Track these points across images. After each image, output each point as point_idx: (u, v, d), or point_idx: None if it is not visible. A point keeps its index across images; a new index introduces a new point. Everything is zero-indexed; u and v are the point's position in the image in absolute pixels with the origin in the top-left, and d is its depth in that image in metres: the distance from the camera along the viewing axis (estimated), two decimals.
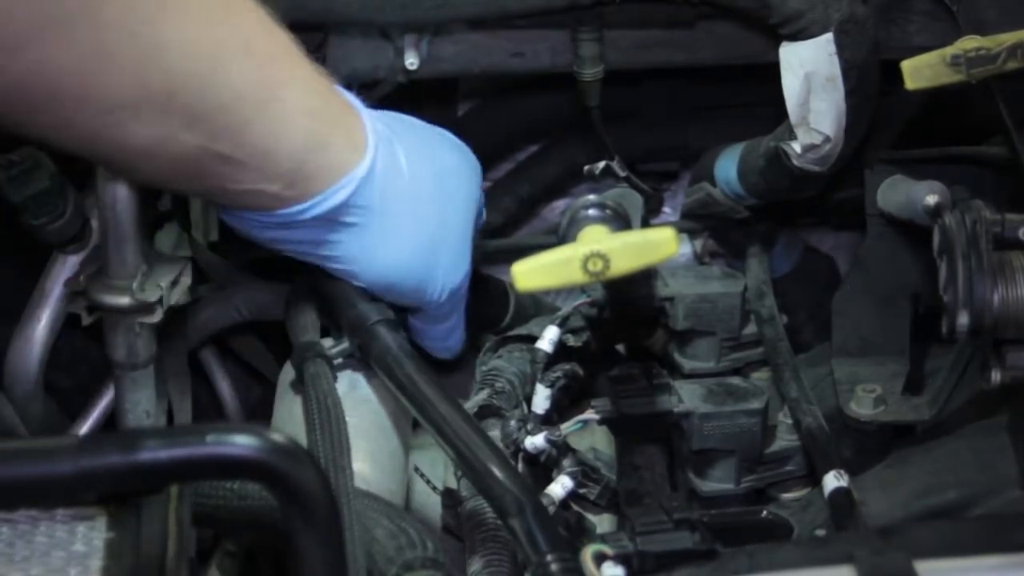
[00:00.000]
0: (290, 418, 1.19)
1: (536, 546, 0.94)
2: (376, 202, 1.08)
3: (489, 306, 1.34)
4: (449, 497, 1.21)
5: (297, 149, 1.03)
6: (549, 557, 0.93)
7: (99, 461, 0.76)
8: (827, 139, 1.22)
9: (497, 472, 1.00)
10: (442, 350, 1.24)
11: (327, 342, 1.17)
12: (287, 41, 1.03)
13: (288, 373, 1.23)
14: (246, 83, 0.99)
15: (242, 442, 0.76)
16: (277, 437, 0.77)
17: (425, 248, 1.13)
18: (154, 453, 0.76)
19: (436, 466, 1.27)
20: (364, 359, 1.16)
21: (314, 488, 0.78)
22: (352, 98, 1.10)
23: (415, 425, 1.22)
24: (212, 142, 0.99)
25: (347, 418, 1.14)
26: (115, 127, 0.96)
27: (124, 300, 1.13)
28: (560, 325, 1.22)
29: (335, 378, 1.15)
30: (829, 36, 1.19)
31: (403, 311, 1.19)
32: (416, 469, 1.26)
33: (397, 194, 1.10)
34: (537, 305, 1.38)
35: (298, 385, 1.17)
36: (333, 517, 0.79)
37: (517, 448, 1.17)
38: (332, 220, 1.08)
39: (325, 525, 0.78)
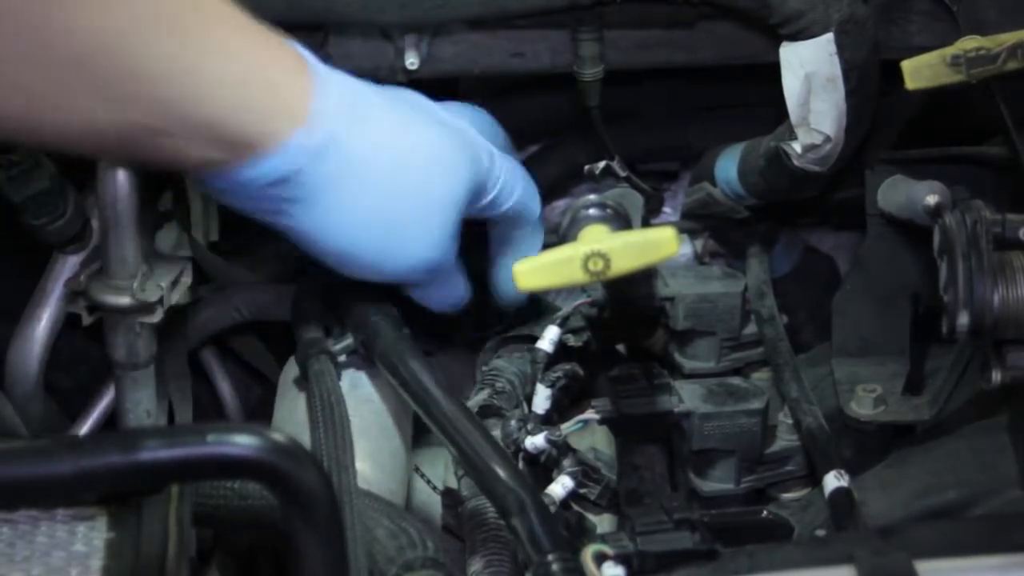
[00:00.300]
0: (291, 418, 1.19)
1: (538, 545, 0.94)
2: (324, 172, 1.05)
3: (488, 305, 1.34)
4: (449, 497, 1.21)
5: (228, 120, 1.01)
6: (550, 556, 0.93)
7: (99, 461, 0.76)
8: (827, 139, 1.22)
9: (499, 471, 1.00)
10: (444, 306, 1.21)
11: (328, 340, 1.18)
12: (217, 10, 1.00)
13: (289, 373, 1.23)
14: (166, 58, 0.97)
15: (243, 442, 0.76)
16: (278, 437, 0.77)
17: (381, 223, 1.09)
18: (154, 453, 0.76)
19: (436, 466, 1.27)
20: (367, 356, 1.16)
21: (315, 488, 0.78)
22: (315, 65, 1.07)
23: (417, 425, 1.22)
24: (140, 117, 0.98)
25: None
26: (29, 112, 0.95)
27: (124, 300, 1.13)
28: (560, 325, 1.22)
29: (339, 376, 1.15)
30: (829, 36, 1.19)
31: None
32: (416, 469, 1.26)
33: (349, 166, 1.07)
34: (536, 307, 1.38)
35: (300, 384, 1.17)
36: (334, 517, 0.79)
37: (517, 448, 1.17)
38: (281, 186, 1.05)
39: (326, 525, 0.78)
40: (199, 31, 0.99)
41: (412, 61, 1.24)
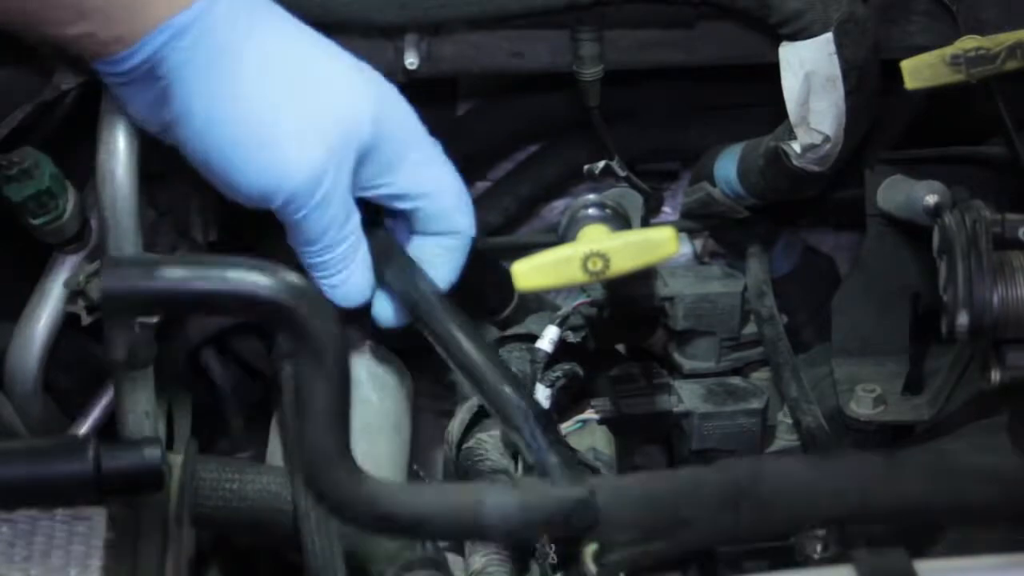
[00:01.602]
0: None
1: (538, 447, 0.98)
2: (207, 58, 1.04)
3: (494, 292, 1.34)
4: None
5: None
6: (550, 452, 0.95)
7: (122, 284, 0.76)
8: (827, 139, 1.22)
9: (505, 388, 1.05)
10: (340, 299, 1.13)
11: None
12: None
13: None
14: None
15: (260, 281, 0.76)
16: (295, 279, 0.77)
17: (251, 123, 1.05)
18: (174, 284, 0.76)
19: (436, 466, 1.27)
20: (379, 280, 1.15)
21: (326, 331, 0.78)
22: None
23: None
24: None
25: None
26: None
27: None
28: (560, 325, 1.22)
29: None
30: (829, 36, 1.18)
31: None
32: (416, 469, 1.26)
33: (232, 60, 1.05)
34: (539, 299, 1.38)
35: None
36: (343, 361, 0.79)
37: (517, 447, 1.17)
38: (160, 76, 1.04)
39: (334, 368, 0.79)
40: None
41: (412, 61, 1.24)
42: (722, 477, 0.88)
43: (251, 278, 0.77)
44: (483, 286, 1.32)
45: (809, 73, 1.20)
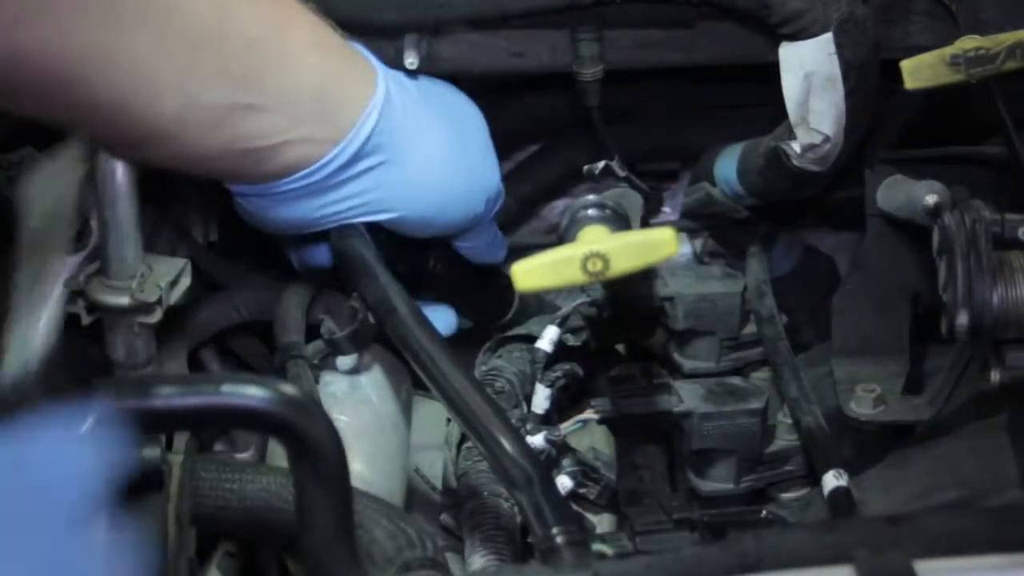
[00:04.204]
0: None
1: (543, 519, 0.94)
2: (401, 125, 1.13)
3: (494, 297, 1.34)
4: (449, 497, 1.21)
5: (316, 84, 1.08)
6: (555, 530, 0.93)
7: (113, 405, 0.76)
8: (827, 139, 1.22)
9: (506, 444, 0.99)
10: (492, 257, 1.29)
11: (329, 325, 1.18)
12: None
13: None
14: (258, 26, 1.04)
15: (255, 394, 0.76)
16: (289, 390, 0.77)
17: (457, 156, 1.17)
18: (168, 401, 0.76)
19: (436, 466, 1.27)
20: (381, 326, 1.15)
21: (324, 441, 0.78)
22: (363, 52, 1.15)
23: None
24: (236, 94, 1.03)
25: (347, 419, 1.15)
26: (141, 97, 0.98)
27: (124, 300, 1.13)
28: (560, 325, 1.22)
29: (316, 379, 1.15)
30: (829, 36, 1.19)
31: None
32: (416, 469, 1.26)
33: (415, 113, 1.15)
34: (540, 302, 1.38)
35: None
36: (342, 471, 0.79)
37: None
38: (367, 158, 1.11)
39: (334, 478, 0.78)
40: (282, 2, 1.07)
41: (411, 61, 1.24)
42: (725, 556, 0.87)
43: (245, 391, 0.77)
44: (483, 293, 1.32)
45: (809, 73, 1.20)
